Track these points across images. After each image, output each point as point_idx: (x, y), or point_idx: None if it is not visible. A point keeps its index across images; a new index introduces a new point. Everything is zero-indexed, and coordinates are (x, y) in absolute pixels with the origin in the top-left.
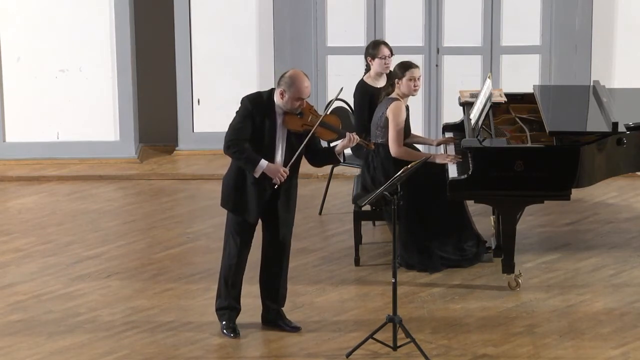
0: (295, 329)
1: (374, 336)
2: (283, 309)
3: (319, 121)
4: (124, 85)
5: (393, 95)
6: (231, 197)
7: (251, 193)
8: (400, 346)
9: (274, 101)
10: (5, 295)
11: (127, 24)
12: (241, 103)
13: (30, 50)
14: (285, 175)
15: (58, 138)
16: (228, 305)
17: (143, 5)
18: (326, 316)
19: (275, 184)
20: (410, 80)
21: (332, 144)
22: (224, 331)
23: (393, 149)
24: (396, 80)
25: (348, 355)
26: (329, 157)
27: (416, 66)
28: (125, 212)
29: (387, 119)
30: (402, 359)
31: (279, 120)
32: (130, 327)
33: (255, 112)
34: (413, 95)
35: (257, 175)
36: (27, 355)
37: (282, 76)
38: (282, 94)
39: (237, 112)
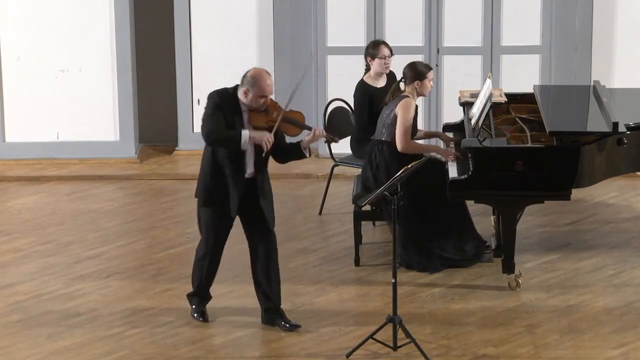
0: (295, 327)
1: (374, 336)
2: (282, 308)
3: (281, 116)
4: (124, 85)
5: (404, 94)
6: (207, 192)
7: (227, 186)
8: (400, 346)
9: (238, 98)
10: (5, 295)
11: (127, 24)
12: (209, 98)
13: (30, 50)
14: (271, 142)
15: (58, 138)
16: (197, 294)
17: (143, 6)
18: (326, 316)
19: (263, 152)
20: (430, 81)
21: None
22: (194, 315)
23: (401, 143)
24: (416, 82)
25: (348, 355)
26: (294, 153)
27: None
28: (125, 212)
29: (395, 116)
30: (402, 359)
31: (245, 117)
32: (130, 327)
33: (224, 106)
34: (426, 95)
35: (245, 148)
36: (27, 355)
37: (244, 75)
38: (245, 93)
39: (206, 107)
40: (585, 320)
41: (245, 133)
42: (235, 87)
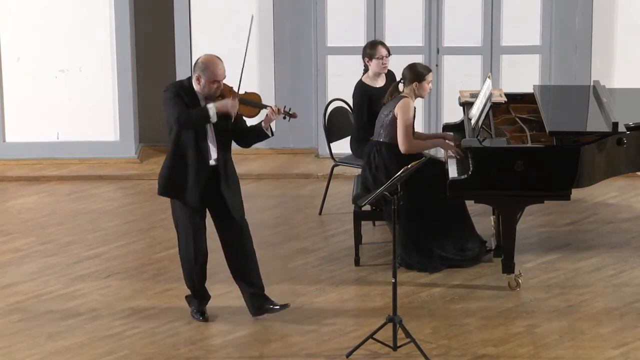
0: (284, 306)
1: (374, 336)
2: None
3: (238, 99)
4: (124, 85)
5: (402, 95)
6: (169, 183)
7: (190, 175)
8: (400, 346)
9: (193, 89)
10: (5, 295)
11: (127, 24)
12: (166, 90)
13: (30, 50)
14: (237, 106)
15: (58, 138)
16: (195, 295)
17: (143, 6)
18: (326, 316)
19: (231, 117)
20: (429, 83)
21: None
22: (193, 315)
23: (404, 145)
24: (415, 83)
25: (348, 355)
26: (257, 134)
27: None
28: (125, 212)
29: (394, 117)
30: (402, 359)
31: (202, 105)
32: (130, 327)
33: (182, 94)
34: (424, 97)
35: (214, 120)
36: (27, 355)
37: (195, 62)
38: (198, 79)
39: (165, 98)
40: (585, 320)
41: (210, 105)
42: (189, 79)
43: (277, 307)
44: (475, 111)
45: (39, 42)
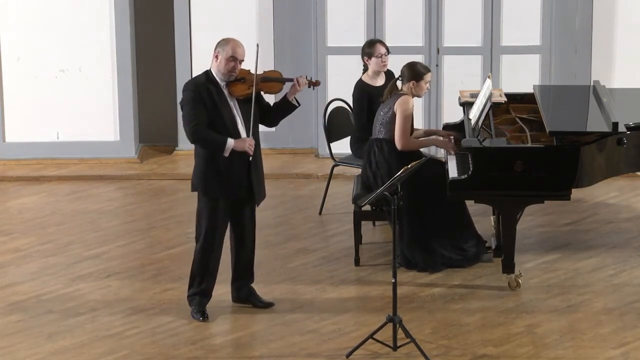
0: (268, 305)
1: (374, 336)
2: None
3: (258, 78)
4: (124, 85)
5: (401, 92)
6: (204, 181)
7: (226, 171)
8: (400, 346)
9: (213, 76)
10: (5, 295)
11: (127, 24)
12: (184, 92)
13: (30, 50)
14: (253, 144)
15: (58, 138)
16: (200, 292)
17: (143, 5)
18: (326, 316)
19: (249, 156)
20: (427, 83)
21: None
22: (193, 315)
23: (400, 142)
24: (412, 82)
25: (348, 355)
26: (284, 108)
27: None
28: (125, 212)
29: (394, 114)
30: (402, 359)
31: (225, 92)
32: (130, 327)
33: (202, 91)
34: (421, 96)
35: (227, 154)
36: (27, 355)
37: (217, 43)
38: (216, 57)
39: (183, 102)
40: (585, 320)
41: (230, 142)
42: (206, 71)
43: (260, 304)
44: (475, 111)
45: (39, 42)
